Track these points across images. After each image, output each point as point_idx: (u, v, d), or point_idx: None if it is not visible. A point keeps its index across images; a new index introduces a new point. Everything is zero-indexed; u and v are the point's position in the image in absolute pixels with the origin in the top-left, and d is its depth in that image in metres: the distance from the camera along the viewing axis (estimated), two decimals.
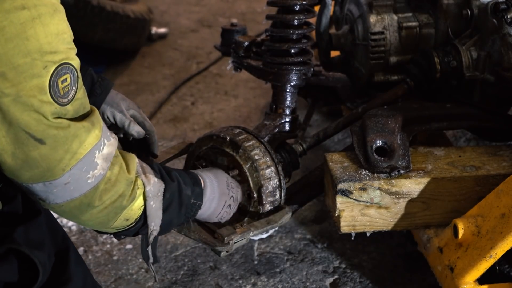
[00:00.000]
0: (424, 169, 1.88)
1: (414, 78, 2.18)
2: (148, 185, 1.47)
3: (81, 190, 1.34)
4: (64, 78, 1.29)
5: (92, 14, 3.40)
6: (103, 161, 1.36)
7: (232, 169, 1.88)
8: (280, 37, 2.17)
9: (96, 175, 1.35)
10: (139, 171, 1.48)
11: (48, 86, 1.27)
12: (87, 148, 1.32)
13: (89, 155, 1.33)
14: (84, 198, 1.35)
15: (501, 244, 1.66)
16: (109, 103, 1.76)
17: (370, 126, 1.91)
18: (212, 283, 2.17)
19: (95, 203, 1.37)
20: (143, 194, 1.47)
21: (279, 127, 2.17)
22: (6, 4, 1.23)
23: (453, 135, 2.85)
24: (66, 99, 1.30)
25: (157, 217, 1.51)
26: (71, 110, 1.31)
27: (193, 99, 3.39)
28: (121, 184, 1.40)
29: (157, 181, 1.50)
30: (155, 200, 1.49)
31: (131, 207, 1.44)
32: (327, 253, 2.28)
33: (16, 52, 1.24)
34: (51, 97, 1.27)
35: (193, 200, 1.61)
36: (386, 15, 2.26)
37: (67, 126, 1.29)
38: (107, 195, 1.38)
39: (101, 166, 1.35)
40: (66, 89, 1.29)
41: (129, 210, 1.44)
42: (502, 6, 2.02)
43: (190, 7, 4.61)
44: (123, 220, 1.45)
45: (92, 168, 1.34)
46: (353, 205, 1.86)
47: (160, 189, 1.50)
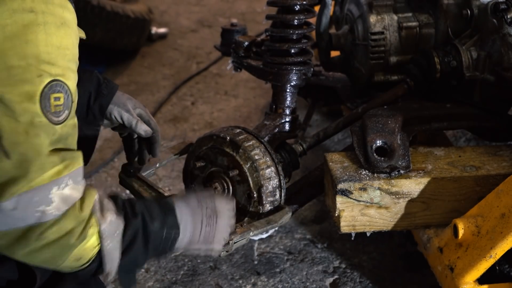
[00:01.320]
0: (424, 169, 1.88)
1: (414, 78, 2.18)
2: (104, 224, 1.35)
3: (26, 221, 1.24)
4: (57, 95, 1.24)
5: (92, 14, 3.40)
6: (60, 201, 1.26)
7: (232, 169, 1.89)
8: (280, 37, 2.17)
9: (47, 212, 1.25)
10: (95, 209, 1.36)
11: (40, 96, 1.21)
12: (44, 180, 1.24)
13: (45, 187, 1.24)
14: (26, 231, 1.26)
15: (501, 244, 1.67)
16: (115, 103, 1.74)
17: (370, 126, 1.91)
18: (212, 283, 2.17)
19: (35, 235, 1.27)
20: (98, 233, 1.35)
21: (279, 127, 2.17)
22: (15, 4, 1.20)
23: (453, 135, 2.85)
24: (57, 119, 1.24)
25: (114, 259, 1.38)
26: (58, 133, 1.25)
27: (193, 99, 3.39)
28: (69, 220, 1.29)
29: (114, 219, 1.37)
30: (112, 240, 1.36)
31: (83, 246, 1.33)
32: (327, 253, 2.28)
33: (13, 53, 1.19)
34: (40, 109, 1.21)
35: (166, 233, 1.46)
36: (386, 15, 2.26)
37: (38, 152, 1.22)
38: (51, 231, 1.28)
39: (56, 205, 1.26)
40: (58, 108, 1.24)
41: (80, 249, 1.33)
42: (502, 6, 2.02)
43: (190, 7, 4.61)
44: (74, 260, 1.34)
45: (45, 202, 1.25)
46: (353, 205, 1.86)
47: (118, 228, 1.38)
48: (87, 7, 3.38)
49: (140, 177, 1.91)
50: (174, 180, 2.67)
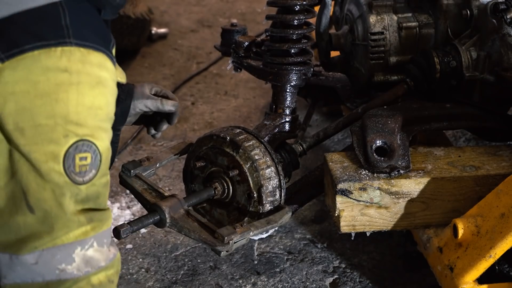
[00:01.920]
0: (424, 169, 1.88)
1: (414, 78, 2.18)
2: None
3: (45, 277, 1.24)
4: (84, 155, 1.23)
5: None
6: (81, 262, 1.25)
7: (232, 169, 1.89)
8: (280, 37, 2.17)
9: (68, 271, 1.25)
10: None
11: (64, 156, 1.21)
12: (69, 239, 1.24)
13: (69, 246, 1.24)
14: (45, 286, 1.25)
15: (500, 244, 1.67)
16: (135, 97, 1.75)
17: (370, 126, 1.92)
18: (212, 283, 2.17)
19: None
20: None
21: (279, 127, 2.17)
22: (50, 62, 1.19)
23: (453, 135, 2.85)
24: (82, 179, 1.23)
25: None
26: (84, 193, 1.24)
27: (193, 99, 3.40)
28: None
29: None
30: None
31: None
32: (327, 253, 2.28)
33: (42, 111, 1.18)
34: (63, 169, 1.21)
35: None
36: (386, 15, 2.26)
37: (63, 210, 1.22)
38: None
39: (77, 265, 1.25)
40: (84, 168, 1.23)
41: None
42: (502, 6, 2.03)
43: (190, 7, 4.61)
44: None
45: (66, 261, 1.24)
46: (353, 205, 1.86)
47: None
48: None
49: (140, 177, 1.91)
50: (174, 180, 2.68)
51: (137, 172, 1.92)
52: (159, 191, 1.83)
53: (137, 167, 1.94)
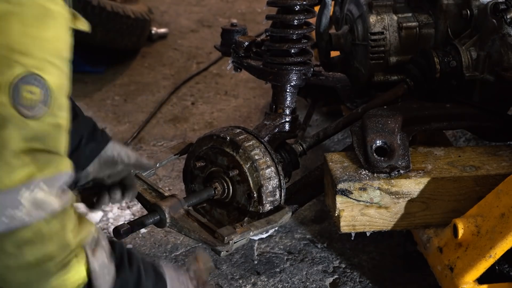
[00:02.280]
0: (424, 169, 1.88)
1: (414, 78, 2.18)
2: (95, 262, 1.26)
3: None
4: (32, 89, 1.13)
5: (92, 15, 3.40)
6: (31, 206, 1.15)
7: (232, 169, 1.89)
8: (280, 37, 2.17)
9: (16, 216, 1.13)
10: (87, 242, 1.27)
11: (9, 87, 1.12)
12: (14, 182, 1.13)
13: (14, 190, 1.13)
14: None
15: (500, 244, 1.67)
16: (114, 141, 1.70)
17: (370, 126, 1.92)
18: (212, 282, 2.17)
19: (10, 250, 1.15)
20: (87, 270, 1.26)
21: (279, 127, 2.17)
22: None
23: (453, 135, 2.85)
24: (29, 113, 1.13)
25: None
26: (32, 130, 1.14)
27: (193, 99, 3.40)
28: (52, 243, 1.19)
29: (107, 263, 1.29)
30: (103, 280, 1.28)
31: (64, 279, 1.22)
32: (327, 253, 2.28)
33: None
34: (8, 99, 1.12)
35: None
36: (386, 15, 2.26)
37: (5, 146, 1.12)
38: (30, 250, 1.17)
39: (27, 211, 1.14)
40: (32, 102, 1.13)
41: (59, 280, 1.22)
42: (502, 6, 2.03)
43: (190, 7, 4.61)
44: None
45: (13, 206, 1.13)
46: (353, 205, 1.86)
47: (110, 272, 1.30)
48: (87, 7, 3.38)
49: (140, 177, 1.91)
50: (174, 180, 2.68)
51: (137, 172, 1.92)
52: (159, 191, 1.83)
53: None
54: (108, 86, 3.53)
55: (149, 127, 3.13)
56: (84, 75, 3.61)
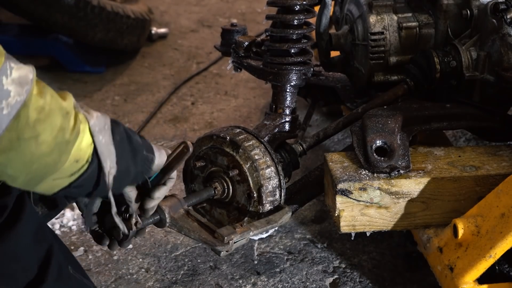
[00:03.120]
0: (424, 169, 1.88)
1: (414, 78, 2.18)
2: (92, 119, 1.30)
3: (1, 125, 1.17)
4: None
5: (92, 14, 3.40)
6: (17, 86, 1.18)
7: (232, 168, 1.89)
8: (280, 37, 2.17)
9: (12, 103, 1.17)
10: (77, 106, 1.30)
11: None
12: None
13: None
14: (10, 133, 1.18)
15: (500, 244, 1.67)
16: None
17: (370, 126, 1.92)
18: (212, 283, 2.17)
19: (26, 134, 1.20)
20: (89, 130, 1.30)
21: (279, 127, 2.17)
22: None
23: (453, 135, 2.85)
24: None
25: (111, 153, 1.33)
26: None
27: (193, 99, 3.40)
28: (56, 115, 1.23)
29: (100, 115, 1.33)
30: (104, 134, 1.32)
31: (79, 145, 1.28)
32: (327, 253, 2.28)
33: None
34: None
35: (145, 152, 1.44)
36: (386, 15, 2.26)
37: None
38: (42, 126, 1.21)
39: (15, 92, 1.18)
40: None
41: (77, 149, 1.28)
42: (502, 6, 2.02)
43: (190, 7, 4.61)
44: (73, 162, 1.28)
45: (4, 96, 1.16)
46: (353, 205, 1.86)
47: (106, 122, 1.33)
48: (87, 7, 3.38)
49: None
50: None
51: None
52: None
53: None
54: (108, 86, 3.53)
55: (149, 127, 3.14)
56: (84, 75, 3.61)
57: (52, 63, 3.70)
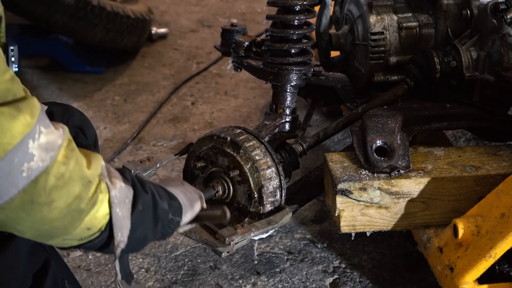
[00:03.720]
0: (424, 169, 1.88)
1: (414, 78, 2.18)
2: (114, 190, 1.30)
3: (18, 185, 1.17)
4: None
5: (92, 14, 3.40)
6: (41, 152, 1.18)
7: (233, 169, 1.89)
8: (280, 37, 2.17)
9: (33, 167, 1.17)
10: (103, 174, 1.31)
11: None
12: (16, 138, 1.15)
13: (20, 145, 1.16)
14: (24, 195, 1.18)
15: (501, 244, 1.67)
16: None
17: (370, 126, 1.92)
18: (212, 283, 2.17)
19: (40, 199, 1.19)
20: (108, 200, 1.29)
21: (279, 127, 2.17)
22: None
23: (453, 135, 2.86)
24: None
25: (125, 227, 1.32)
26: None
27: (193, 99, 3.40)
28: (75, 183, 1.23)
29: (124, 186, 1.33)
30: (122, 207, 1.31)
31: (94, 215, 1.28)
32: (327, 253, 2.28)
33: None
34: None
35: (171, 216, 1.43)
36: (386, 15, 2.26)
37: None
38: (58, 194, 1.21)
39: (39, 157, 1.18)
40: None
41: (91, 218, 1.27)
42: (502, 6, 2.02)
43: (190, 7, 4.61)
44: (85, 229, 1.28)
45: (27, 159, 1.16)
46: (353, 205, 1.86)
47: (128, 196, 1.33)
48: (87, 7, 3.38)
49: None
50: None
51: (137, 173, 1.92)
52: None
53: (137, 167, 1.94)
54: (108, 86, 3.53)
55: (149, 127, 3.14)
56: (84, 75, 3.61)
57: (52, 63, 3.70)
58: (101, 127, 3.13)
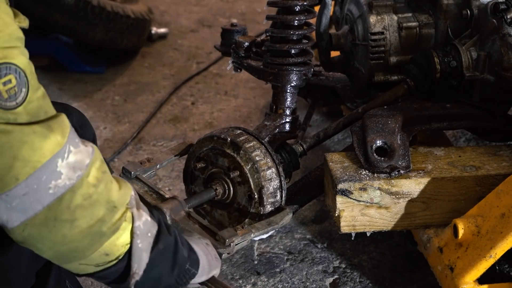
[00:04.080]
0: (424, 169, 1.88)
1: (414, 78, 2.18)
2: (138, 221, 1.32)
3: (43, 202, 1.20)
4: (6, 79, 1.16)
5: (92, 14, 3.40)
6: (69, 170, 1.21)
7: (233, 170, 1.89)
8: (280, 38, 2.17)
9: (60, 185, 1.21)
10: (131, 203, 1.33)
11: None
12: (46, 156, 1.18)
13: (49, 163, 1.19)
14: (49, 211, 1.21)
15: (501, 244, 1.67)
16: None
17: (370, 126, 1.92)
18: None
19: (64, 216, 1.22)
20: (131, 230, 1.31)
21: (279, 128, 2.17)
22: None
23: (453, 135, 2.86)
24: (14, 102, 1.16)
25: (142, 260, 1.33)
26: (24, 113, 1.18)
27: (193, 99, 3.40)
28: (101, 205, 1.25)
29: (150, 220, 1.35)
30: (143, 240, 1.33)
31: (115, 241, 1.29)
32: (327, 253, 2.28)
33: None
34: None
35: (188, 266, 1.44)
36: (386, 15, 2.26)
37: (10, 131, 1.15)
38: (82, 213, 1.23)
39: (66, 176, 1.21)
40: (12, 91, 1.16)
41: (111, 243, 1.29)
42: (502, 6, 2.03)
43: (190, 7, 4.61)
44: (103, 254, 1.30)
45: (54, 177, 1.20)
46: (353, 205, 1.86)
47: (151, 230, 1.35)
48: (87, 7, 3.38)
49: (140, 179, 1.91)
50: (174, 180, 2.68)
51: (137, 174, 1.92)
52: (160, 193, 1.83)
53: (138, 169, 1.94)
54: (108, 86, 3.53)
55: (149, 127, 3.14)
56: (84, 75, 3.61)
57: (52, 63, 3.70)
58: (101, 127, 3.13)
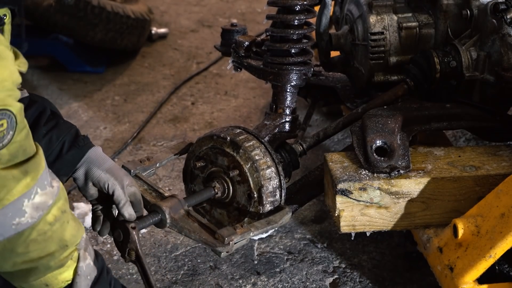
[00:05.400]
0: (424, 169, 1.88)
1: (414, 78, 2.18)
2: (82, 262, 1.44)
3: (4, 234, 1.30)
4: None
5: (92, 15, 3.40)
6: (32, 210, 1.31)
7: (233, 169, 1.89)
8: (280, 37, 2.17)
9: (22, 222, 1.30)
10: (81, 245, 1.44)
11: None
12: (14, 196, 1.28)
13: (16, 202, 1.29)
14: (7, 243, 1.31)
15: (500, 244, 1.67)
16: (113, 174, 1.66)
17: (370, 126, 1.92)
18: (212, 283, 2.17)
19: (19, 250, 1.33)
20: (74, 269, 1.43)
21: (279, 127, 2.17)
22: None
23: (453, 135, 2.86)
24: (1, 144, 1.25)
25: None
26: (7, 154, 1.26)
27: (193, 99, 3.40)
28: (53, 242, 1.36)
29: (92, 265, 1.47)
30: (82, 281, 1.44)
31: (57, 276, 1.41)
32: (327, 253, 2.28)
33: None
34: None
35: None
36: (386, 15, 2.26)
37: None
38: (35, 247, 1.34)
39: (29, 215, 1.31)
40: (1, 134, 1.24)
41: (53, 277, 1.41)
42: (502, 6, 2.03)
43: (190, 7, 4.61)
44: (43, 284, 1.41)
45: (19, 215, 1.30)
46: (353, 205, 1.86)
47: (91, 275, 1.46)
48: (88, 7, 3.39)
49: (140, 177, 1.91)
50: (174, 180, 2.68)
51: (137, 172, 1.92)
52: (159, 192, 1.83)
53: (137, 167, 1.94)
54: (108, 86, 3.53)
55: (149, 127, 3.14)
56: (84, 75, 3.61)
57: (52, 63, 3.70)
58: (101, 127, 3.13)
